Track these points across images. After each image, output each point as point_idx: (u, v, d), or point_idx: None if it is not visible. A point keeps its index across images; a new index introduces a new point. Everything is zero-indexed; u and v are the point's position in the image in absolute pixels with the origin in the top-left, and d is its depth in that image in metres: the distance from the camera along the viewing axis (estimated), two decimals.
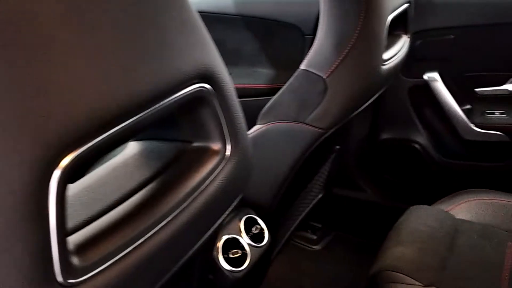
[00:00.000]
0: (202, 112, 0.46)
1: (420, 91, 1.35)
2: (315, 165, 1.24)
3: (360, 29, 0.83)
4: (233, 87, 0.50)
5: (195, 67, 0.42)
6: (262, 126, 0.95)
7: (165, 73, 0.39)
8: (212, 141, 0.48)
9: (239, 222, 0.91)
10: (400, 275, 0.93)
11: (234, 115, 0.49)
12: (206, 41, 0.46)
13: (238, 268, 0.85)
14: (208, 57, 0.45)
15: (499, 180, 1.34)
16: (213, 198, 0.47)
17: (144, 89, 0.37)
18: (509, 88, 1.25)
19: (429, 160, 1.43)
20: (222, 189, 0.49)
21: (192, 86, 0.43)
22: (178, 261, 0.47)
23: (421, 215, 1.12)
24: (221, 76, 0.46)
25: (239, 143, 0.51)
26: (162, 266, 0.44)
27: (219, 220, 0.53)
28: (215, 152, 0.48)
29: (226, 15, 1.45)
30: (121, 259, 0.37)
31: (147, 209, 0.41)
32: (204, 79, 0.44)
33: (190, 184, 0.45)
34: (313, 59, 0.90)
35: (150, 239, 0.40)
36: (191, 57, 0.42)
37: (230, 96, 0.49)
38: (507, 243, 1.00)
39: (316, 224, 1.62)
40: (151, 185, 0.44)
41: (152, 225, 0.40)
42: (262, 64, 1.49)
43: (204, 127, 0.47)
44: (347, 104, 0.91)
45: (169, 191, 0.43)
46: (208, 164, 0.47)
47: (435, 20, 1.26)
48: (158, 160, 0.47)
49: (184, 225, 0.44)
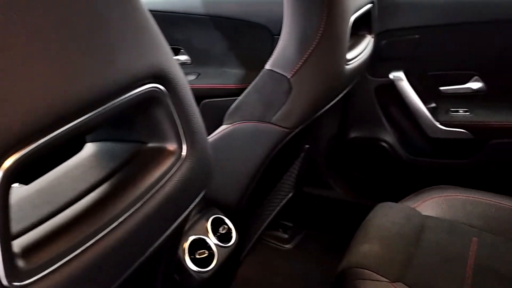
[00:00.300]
0: (156, 113, 0.46)
1: (386, 90, 1.37)
2: (284, 164, 1.25)
3: (323, 29, 0.84)
4: (188, 88, 0.50)
5: (146, 67, 0.42)
6: (228, 126, 0.95)
7: (114, 73, 0.39)
8: (167, 141, 0.48)
9: (206, 223, 0.91)
10: (367, 271, 0.94)
11: (190, 116, 0.49)
12: (158, 41, 0.45)
13: (205, 269, 0.85)
14: (160, 57, 0.45)
15: (464, 176, 1.37)
16: (169, 198, 0.47)
17: (91, 90, 0.37)
18: (472, 86, 1.28)
19: (396, 158, 1.45)
20: (179, 189, 0.49)
21: (144, 87, 0.42)
22: (134, 262, 0.47)
23: (388, 212, 1.13)
24: (175, 77, 0.46)
25: (196, 143, 0.51)
26: (116, 268, 0.44)
27: (178, 219, 0.53)
28: (171, 153, 0.48)
29: (196, 15, 1.44)
30: (70, 261, 0.37)
31: (98, 210, 0.41)
32: (156, 80, 0.44)
33: (144, 184, 0.45)
34: (277, 59, 0.90)
35: (101, 241, 0.40)
36: (141, 57, 0.42)
37: (185, 96, 0.49)
38: (472, 238, 1.03)
39: (287, 223, 1.63)
40: (103, 186, 0.44)
41: (103, 227, 0.40)
42: (231, 64, 1.49)
43: (158, 127, 0.47)
44: (312, 104, 0.92)
45: (121, 192, 0.43)
46: (163, 165, 0.47)
47: (399, 20, 1.28)
48: (112, 161, 0.47)
49: (138, 225, 0.44)
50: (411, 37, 1.28)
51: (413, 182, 1.28)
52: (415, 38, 1.28)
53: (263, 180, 1.00)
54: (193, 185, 0.53)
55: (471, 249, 1.00)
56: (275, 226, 1.63)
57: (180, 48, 1.54)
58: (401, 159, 1.45)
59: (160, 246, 0.51)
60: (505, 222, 1.07)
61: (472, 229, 1.06)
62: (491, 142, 1.30)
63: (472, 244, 1.01)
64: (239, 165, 0.95)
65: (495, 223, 1.07)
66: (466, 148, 1.35)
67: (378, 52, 1.30)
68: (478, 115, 1.30)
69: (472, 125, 1.30)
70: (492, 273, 0.94)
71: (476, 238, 1.03)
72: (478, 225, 1.07)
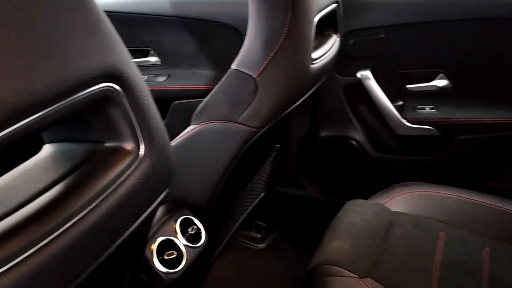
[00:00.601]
0: (111, 112, 0.46)
1: (354, 89, 1.39)
2: (254, 164, 1.25)
3: (287, 29, 0.84)
4: (145, 88, 0.50)
5: (99, 66, 0.42)
6: (195, 127, 0.95)
7: (65, 72, 0.39)
8: (124, 141, 0.48)
9: (175, 224, 0.91)
10: (337, 268, 0.95)
11: (147, 115, 0.49)
12: (113, 41, 0.45)
13: (173, 270, 0.85)
14: (115, 57, 0.45)
15: (432, 172, 1.40)
16: (127, 198, 0.47)
17: (42, 88, 0.37)
18: (438, 84, 1.31)
19: (366, 155, 1.47)
20: (137, 188, 0.48)
21: (97, 86, 0.42)
22: (93, 261, 0.46)
23: (357, 209, 1.14)
24: (130, 76, 0.46)
25: (155, 142, 0.51)
26: (74, 267, 0.44)
27: (140, 218, 0.53)
28: (128, 152, 0.48)
29: (165, 16, 1.44)
30: (21, 262, 0.37)
31: (52, 210, 0.41)
32: (110, 79, 0.44)
33: (99, 184, 0.44)
34: (243, 59, 0.91)
35: (55, 240, 0.40)
36: (94, 57, 0.42)
37: (142, 96, 0.48)
38: (439, 233, 1.04)
39: (260, 223, 1.63)
40: (58, 187, 0.44)
41: (56, 227, 0.40)
42: (202, 65, 1.49)
43: (115, 127, 0.47)
44: (278, 103, 0.92)
45: (76, 192, 0.43)
46: (120, 164, 0.47)
47: (366, 19, 1.30)
48: (69, 161, 0.47)
49: (94, 225, 0.43)
50: (377, 36, 1.30)
51: (383, 179, 1.30)
52: (381, 37, 1.30)
53: (232, 180, 1.01)
54: (153, 185, 0.52)
55: (438, 244, 1.01)
56: (248, 226, 1.63)
57: (150, 50, 1.53)
58: (370, 157, 1.47)
59: (122, 246, 0.51)
60: (470, 216, 1.09)
61: (439, 224, 1.08)
62: (456, 138, 1.33)
63: (439, 239, 1.03)
64: (207, 165, 0.95)
65: (461, 218, 1.09)
66: (433, 145, 1.37)
67: (345, 51, 1.31)
68: (444, 112, 1.33)
69: (438, 122, 1.33)
70: (459, 267, 0.96)
71: (443, 232, 1.04)
72: (445, 220, 1.09)
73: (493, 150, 1.32)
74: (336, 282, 0.93)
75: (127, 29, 1.50)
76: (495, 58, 1.23)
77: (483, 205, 1.11)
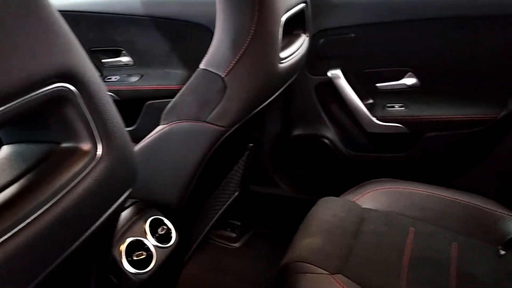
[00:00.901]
0: (67, 113, 0.46)
1: (325, 88, 1.40)
2: (227, 163, 1.25)
3: (254, 28, 0.85)
4: (103, 88, 0.50)
5: (51, 67, 0.42)
6: (164, 127, 0.95)
7: (16, 73, 0.39)
8: (81, 141, 0.48)
9: (144, 224, 0.91)
10: (308, 265, 0.96)
11: (105, 115, 0.49)
12: (67, 41, 0.45)
13: (142, 270, 0.85)
14: (69, 58, 0.45)
15: (402, 169, 1.42)
16: (85, 197, 0.47)
17: None
18: (406, 82, 1.33)
19: (337, 153, 1.49)
20: (95, 188, 0.48)
21: (49, 86, 0.42)
22: (51, 261, 0.46)
23: (329, 206, 1.15)
24: (86, 76, 0.46)
25: (113, 142, 0.51)
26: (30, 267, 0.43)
27: (101, 219, 0.53)
28: (85, 152, 0.48)
29: (136, 16, 1.43)
30: None
31: (6, 211, 0.41)
32: (64, 79, 0.44)
33: (55, 184, 0.44)
34: (211, 59, 0.91)
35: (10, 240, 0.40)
36: (47, 57, 0.42)
37: (99, 96, 0.48)
38: (409, 229, 1.06)
39: (235, 222, 1.64)
40: (12, 187, 0.43)
41: (10, 227, 0.40)
42: (174, 65, 1.49)
43: (72, 127, 0.47)
44: (247, 102, 0.93)
45: (31, 192, 0.43)
46: (77, 165, 0.47)
47: (336, 19, 1.31)
48: (24, 162, 0.47)
49: (50, 225, 0.43)
50: (347, 36, 1.32)
51: (354, 176, 1.32)
52: (351, 36, 1.31)
53: (204, 180, 1.01)
54: (113, 184, 0.52)
55: (408, 239, 1.03)
56: (223, 225, 1.63)
57: (122, 50, 1.52)
58: (342, 155, 1.48)
59: (84, 245, 0.51)
60: (440, 211, 1.11)
61: (409, 219, 1.09)
62: (425, 135, 1.35)
63: (409, 234, 1.04)
64: (177, 165, 0.95)
65: (431, 213, 1.11)
66: (402, 142, 1.39)
67: (316, 50, 1.32)
68: (412, 110, 1.35)
69: (407, 119, 1.35)
70: (429, 261, 0.97)
71: (413, 228, 1.06)
72: (415, 216, 1.10)
73: (460, 147, 1.35)
74: (307, 279, 0.94)
75: (98, 29, 1.49)
76: (461, 57, 1.26)
77: (452, 201, 1.13)
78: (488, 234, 1.05)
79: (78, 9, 1.47)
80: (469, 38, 1.23)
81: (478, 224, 1.08)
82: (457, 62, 1.27)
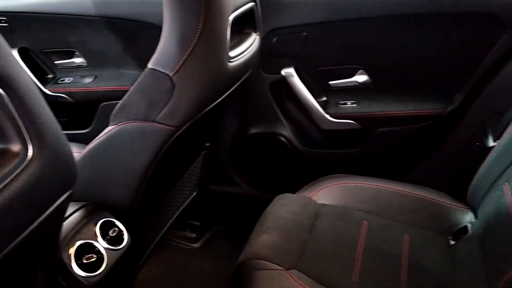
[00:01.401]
0: None
1: (280, 86, 1.41)
2: (183, 163, 1.25)
3: (201, 27, 0.85)
4: (33, 88, 0.49)
5: None
6: (113, 127, 0.94)
7: None
8: (10, 142, 0.47)
9: (95, 227, 0.89)
10: (263, 261, 0.97)
11: (36, 116, 0.49)
12: None
13: (93, 273, 0.84)
14: None
15: (356, 164, 1.45)
16: (16, 200, 0.46)
17: None
18: (358, 79, 1.36)
19: (294, 151, 1.50)
20: (27, 190, 0.48)
21: None
22: None
23: (285, 203, 1.17)
24: (13, 78, 0.45)
25: (46, 143, 0.50)
26: None
27: (37, 221, 0.52)
28: (15, 154, 0.47)
29: (88, 16, 1.41)
30: None
31: None
32: None
33: None
34: (159, 58, 0.90)
35: None
36: None
37: (29, 97, 0.48)
38: (363, 222, 1.08)
39: (195, 222, 1.63)
40: None
41: None
42: (129, 66, 1.47)
43: (0, 129, 0.46)
44: (196, 101, 0.92)
45: None
46: (6, 166, 0.46)
47: (288, 18, 1.32)
48: None
49: None
50: (299, 34, 1.33)
51: (311, 173, 1.33)
52: (303, 35, 1.33)
53: (156, 180, 1.00)
54: (47, 186, 0.52)
55: (361, 233, 1.05)
56: (182, 226, 1.62)
57: (75, 51, 1.50)
58: (298, 152, 1.50)
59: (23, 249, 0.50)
60: (392, 205, 1.14)
61: (363, 213, 1.11)
62: (377, 131, 1.38)
63: (362, 228, 1.07)
64: (127, 165, 0.94)
65: (383, 206, 1.14)
66: (355, 138, 1.42)
67: (269, 49, 1.33)
68: (364, 106, 1.38)
69: (360, 116, 1.38)
70: (381, 253, 1.00)
71: (366, 221, 1.08)
72: (368, 209, 1.13)
73: (411, 141, 1.38)
74: (262, 275, 0.95)
75: (50, 30, 1.46)
76: (409, 54, 1.29)
77: (403, 194, 1.16)
78: (439, 225, 1.08)
79: (29, 9, 1.44)
80: (417, 35, 1.26)
81: (429, 215, 1.11)
82: (406, 59, 1.30)
